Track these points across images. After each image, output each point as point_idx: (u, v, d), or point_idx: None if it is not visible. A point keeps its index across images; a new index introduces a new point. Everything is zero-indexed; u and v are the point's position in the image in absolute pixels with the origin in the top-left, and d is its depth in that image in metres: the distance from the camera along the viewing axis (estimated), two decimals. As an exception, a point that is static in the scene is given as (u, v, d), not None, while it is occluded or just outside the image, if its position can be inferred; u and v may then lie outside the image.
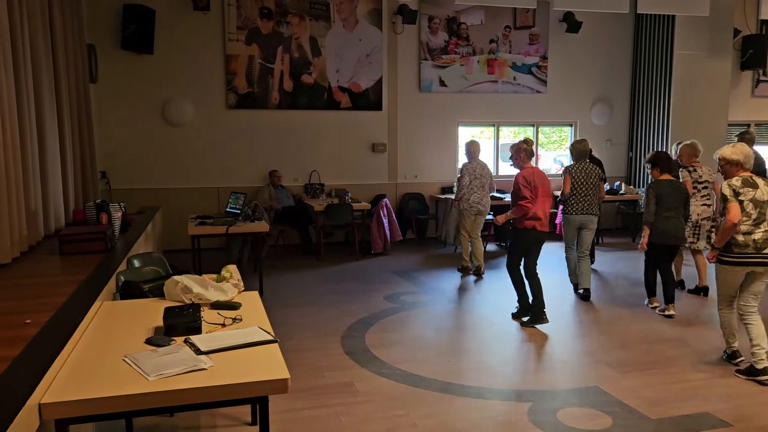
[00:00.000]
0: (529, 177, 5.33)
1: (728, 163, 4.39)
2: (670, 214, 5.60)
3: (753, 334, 4.27)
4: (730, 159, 4.37)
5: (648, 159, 5.86)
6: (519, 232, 5.44)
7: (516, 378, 4.36)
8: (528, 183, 5.30)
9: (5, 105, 3.90)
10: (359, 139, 9.60)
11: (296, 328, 5.41)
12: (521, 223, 5.37)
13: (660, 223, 5.60)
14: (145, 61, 8.51)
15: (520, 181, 5.31)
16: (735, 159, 4.36)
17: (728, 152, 4.39)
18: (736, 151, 4.37)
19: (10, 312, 2.79)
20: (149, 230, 5.96)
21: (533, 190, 5.30)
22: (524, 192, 5.27)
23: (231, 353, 2.40)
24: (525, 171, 5.39)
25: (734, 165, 4.37)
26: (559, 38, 10.27)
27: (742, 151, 4.37)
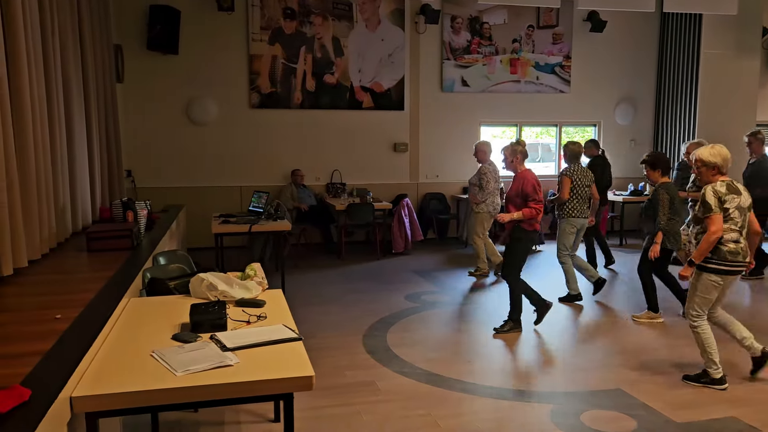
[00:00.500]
0: (536, 179, 5.26)
1: (705, 165, 4.09)
2: (678, 219, 5.45)
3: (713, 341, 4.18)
4: (707, 161, 4.08)
5: (647, 160, 5.54)
6: (528, 234, 5.27)
7: (538, 379, 4.34)
8: (539, 185, 5.24)
9: (36, 105, 3.97)
10: (381, 139, 9.61)
11: (318, 327, 5.44)
12: (531, 225, 5.25)
13: (672, 227, 5.43)
14: (170, 61, 8.61)
15: (534, 183, 5.21)
16: (713, 162, 4.07)
17: (706, 154, 4.09)
18: (714, 153, 4.08)
19: (40, 307, 2.85)
20: (173, 228, 6.03)
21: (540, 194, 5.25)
22: (539, 194, 5.19)
23: (256, 350, 2.42)
24: (529, 173, 5.29)
25: (711, 168, 4.08)
26: (583, 37, 10.18)
27: (720, 154, 4.09)
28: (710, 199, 3.99)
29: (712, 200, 3.99)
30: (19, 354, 2.18)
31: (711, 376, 4.18)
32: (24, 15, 3.76)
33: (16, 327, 2.54)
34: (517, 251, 5.32)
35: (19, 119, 3.67)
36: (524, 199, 5.21)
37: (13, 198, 3.47)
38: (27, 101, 3.74)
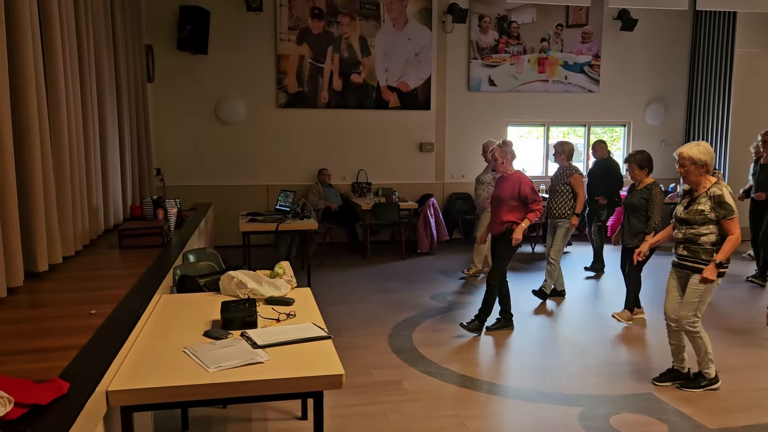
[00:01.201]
0: (531, 180, 5.19)
1: (694, 163, 3.95)
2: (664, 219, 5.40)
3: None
4: (697, 159, 3.94)
5: (636, 159, 5.39)
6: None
7: (566, 381, 4.29)
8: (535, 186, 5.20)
9: (71, 104, 4.05)
10: (407, 139, 9.60)
11: (344, 326, 5.46)
12: (525, 230, 5.18)
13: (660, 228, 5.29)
14: (200, 60, 8.72)
15: (532, 185, 5.13)
16: (703, 160, 3.94)
17: (695, 151, 3.95)
18: (702, 151, 3.95)
19: (75, 303, 2.91)
20: (202, 226, 6.10)
21: None
22: (538, 195, 5.13)
23: (286, 348, 2.44)
24: (523, 175, 5.22)
25: (701, 166, 3.96)
26: (613, 36, 10.04)
27: (708, 151, 3.97)
28: (729, 200, 3.90)
29: (731, 201, 3.90)
30: (57, 348, 2.23)
31: (709, 377, 4.14)
32: (60, 16, 3.84)
33: (53, 322, 2.59)
34: (509, 254, 5.25)
35: (55, 118, 3.75)
36: (522, 202, 5.10)
37: (49, 196, 3.55)
38: (63, 101, 3.82)
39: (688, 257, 4.06)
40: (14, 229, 3.05)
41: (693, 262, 4.02)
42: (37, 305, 2.94)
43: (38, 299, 3.03)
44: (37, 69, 3.42)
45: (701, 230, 3.96)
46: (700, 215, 3.95)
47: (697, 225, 3.98)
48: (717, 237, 3.94)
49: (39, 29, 3.53)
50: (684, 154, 4.00)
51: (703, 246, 3.96)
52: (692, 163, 3.96)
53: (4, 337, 2.40)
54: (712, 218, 3.93)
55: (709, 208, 3.94)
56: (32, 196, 3.32)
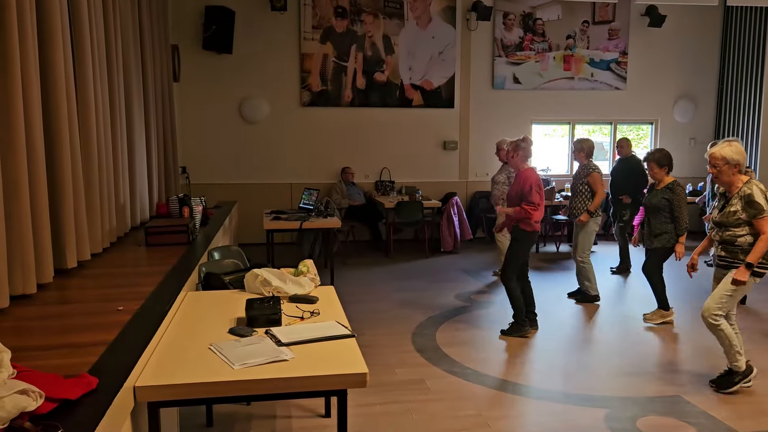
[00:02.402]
0: (538, 181, 5.07)
1: (728, 163, 3.89)
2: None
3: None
4: (730, 159, 3.88)
5: (655, 158, 5.30)
6: (528, 235, 5.10)
7: (591, 383, 4.24)
8: (540, 188, 5.06)
9: (99, 104, 4.12)
10: (430, 137, 9.57)
11: (367, 324, 5.46)
12: (531, 225, 5.05)
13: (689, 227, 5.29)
14: (225, 60, 8.79)
15: (534, 185, 5.01)
16: (735, 159, 3.87)
17: (728, 151, 3.88)
18: (735, 151, 3.89)
19: (103, 299, 2.95)
20: (227, 224, 6.15)
21: (541, 196, 5.07)
22: (535, 197, 5.00)
23: (310, 346, 2.44)
24: (532, 174, 5.10)
25: (733, 166, 3.89)
26: (640, 33, 9.88)
27: (740, 151, 3.90)
28: (760, 199, 3.82)
29: (762, 200, 3.82)
30: (85, 344, 2.26)
31: (741, 370, 4.04)
32: (90, 17, 3.90)
33: (81, 318, 2.63)
34: (516, 252, 5.16)
35: (84, 118, 3.81)
36: (523, 200, 5.04)
37: (78, 194, 3.60)
38: (92, 100, 3.88)
39: (727, 257, 4.01)
40: (44, 227, 3.10)
41: (731, 262, 3.97)
42: (66, 301, 2.99)
43: (67, 295, 3.09)
44: (67, 69, 3.47)
45: (737, 232, 3.91)
46: (733, 216, 3.90)
47: (732, 227, 3.92)
48: (754, 237, 3.87)
49: (69, 30, 3.59)
50: (716, 154, 3.94)
51: (741, 247, 3.91)
52: (725, 163, 3.90)
53: (34, 332, 2.44)
54: (744, 219, 3.87)
55: (741, 209, 3.88)
56: (62, 195, 3.38)
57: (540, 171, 9.92)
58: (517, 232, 5.15)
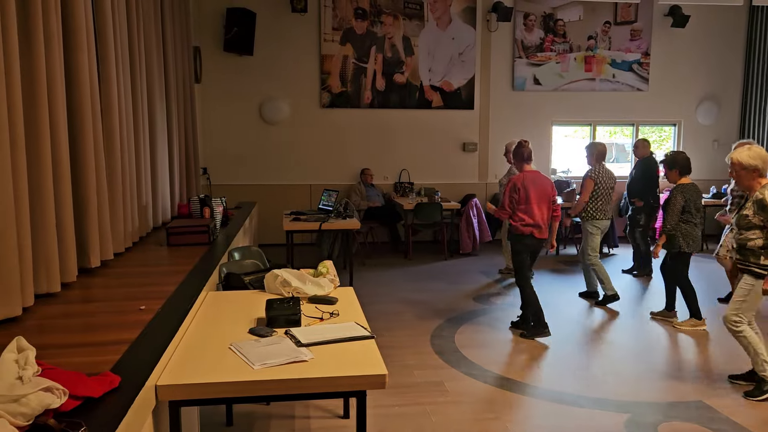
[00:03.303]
0: (519, 183, 5.06)
1: (744, 168, 3.90)
2: (699, 221, 5.29)
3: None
4: (747, 164, 3.89)
5: (666, 160, 5.37)
6: (519, 238, 5.14)
7: (612, 387, 4.19)
8: (516, 190, 5.05)
9: (123, 106, 4.17)
10: (450, 138, 9.55)
11: (385, 325, 5.46)
12: (518, 229, 5.09)
13: (694, 230, 5.25)
14: (246, 61, 8.86)
15: (507, 188, 5.12)
16: (753, 164, 3.87)
17: (745, 156, 3.88)
18: (753, 156, 3.87)
19: (126, 298, 2.98)
20: (247, 225, 6.19)
21: (522, 197, 5.04)
22: (506, 199, 5.09)
23: (329, 347, 2.44)
24: (518, 176, 5.14)
25: (751, 171, 3.89)
26: (663, 33, 9.76)
27: (760, 155, 3.87)
28: None
29: None
30: (109, 342, 2.29)
31: (766, 377, 3.99)
32: (113, 20, 3.95)
33: (104, 317, 2.66)
34: (515, 257, 5.23)
35: (108, 120, 3.86)
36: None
37: (102, 195, 3.65)
38: (115, 102, 3.93)
39: (741, 260, 4.01)
40: (69, 227, 3.15)
41: (744, 265, 3.97)
42: (90, 300, 3.03)
43: (90, 294, 3.13)
44: (91, 72, 3.52)
45: (748, 235, 3.92)
46: (744, 220, 3.91)
47: (744, 230, 3.93)
48: (764, 241, 3.85)
49: (93, 33, 3.64)
50: (734, 159, 3.96)
51: (752, 250, 3.90)
52: (742, 168, 3.93)
53: (58, 330, 2.48)
54: (756, 222, 3.87)
55: (752, 213, 3.88)
56: (86, 195, 3.43)
57: (560, 173, 9.89)
58: (510, 236, 5.25)
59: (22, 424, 1.49)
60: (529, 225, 5.06)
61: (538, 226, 5.08)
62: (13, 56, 2.56)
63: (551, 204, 5.20)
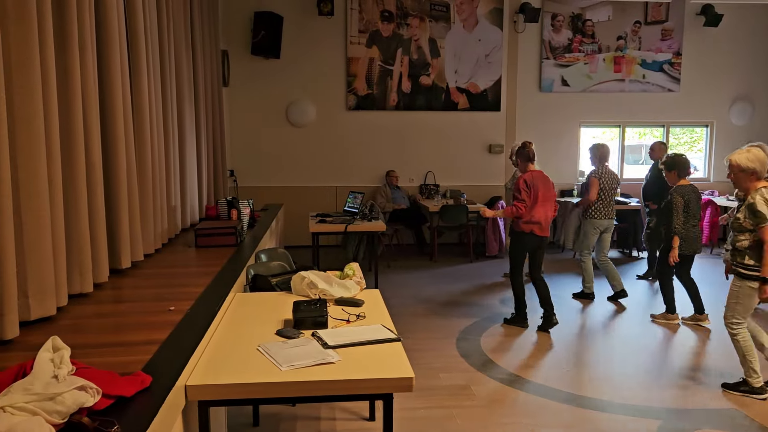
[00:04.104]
0: (530, 180, 5.24)
1: (742, 170, 3.88)
2: (696, 222, 5.37)
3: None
4: (745, 167, 3.87)
5: (665, 162, 5.50)
6: (518, 235, 5.34)
7: (643, 393, 4.12)
8: (528, 187, 5.22)
9: (153, 110, 4.24)
10: (476, 140, 9.50)
11: (410, 328, 5.45)
12: (519, 226, 5.28)
13: (690, 231, 5.31)
14: (272, 65, 8.94)
15: (521, 184, 5.25)
16: (751, 167, 3.85)
17: (743, 159, 3.87)
18: (751, 158, 3.85)
19: (155, 299, 3.03)
20: (273, 226, 6.24)
21: (533, 195, 5.22)
22: (522, 195, 5.22)
23: (356, 349, 2.45)
24: (527, 174, 5.32)
25: (749, 173, 3.87)
26: (695, 32, 9.58)
27: (758, 158, 3.85)
28: (762, 207, 3.79)
29: (764, 208, 3.79)
30: (139, 342, 2.33)
31: (751, 385, 4.01)
32: (145, 25, 4.02)
33: (135, 317, 2.71)
34: (514, 253, 5.45)
35: (139, 125, 3.93)
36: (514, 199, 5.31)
37: (132, 197, 3.72)
38: (146, 106, 3.99)
39: (731, 261, 4.07)
40: (101, 229, 3.21)
41: (734, 265, 4.02)
42: (121, 300, 3.08)
43: (121, 295, 3.18)
44: (123, 77, 3.59)
45: (739, 237, 3.95)
46: (736, 222, 3.93)
47: (736, 232, 3.95)
48: (750, 242, 3.88)
49: (126, 38, 3.71)
50: (732, 161, 3.97)
51: (739, 251, 3.95)
52: (740, 170, 3.92)
53: (91, 330, 2.52)
54: (747, 227, 3.88)
55: (743, 217, 3.89)
56: (117, 198, 3.49)
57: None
58: (512, 233, 5.44)
59: (58, 421, 1.52)
60: (531, 223, 5.26)
61: (538, 224, 5.27)
62: (50, 62, 2.62)
63: (554, 204, 5.45)
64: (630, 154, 10.32)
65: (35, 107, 2.46)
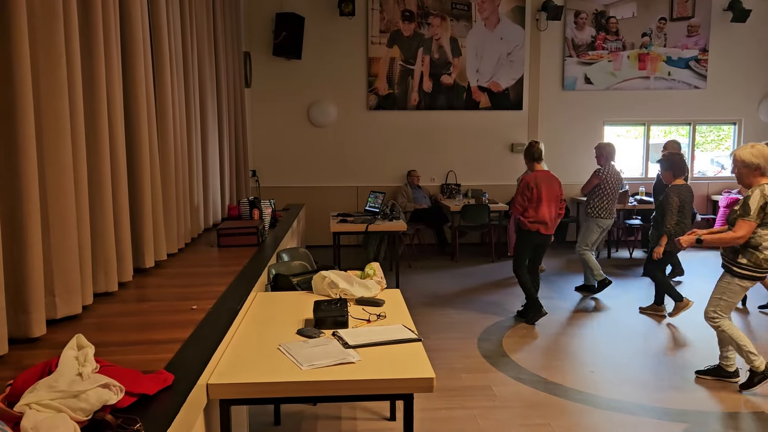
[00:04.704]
0: (533, 181, 5.37)
1: (746, 166, 3.84)
2: (688, 223, 5.38)
3: None
4: (749, 162, 3.83)
5: (661, 161, 5.59)
6: (525, 234, 5.49)
7: (668, 395, 4.05)
8: (529, 187, 5.35)
9: (176, 110, 4.28)
10: (498, 140, 9.45)
11: (432, 328, 5.43)
12: (526, 225, 5.43)
13: (680, 231, 5.27)
14: (294, 65, 8.98)
15: (521, 185, 5.43)
16: (755, 162, 3.81)
17: (747, 154, 3.83)
18: (756, 153, 3.81)
19: (178, 298, 3.06)
20: (294, 226, 6.27)
21: (535, 195, 5.35)
22: (517, 197, 5.45)
23: (377, 349, 2.44)
24: (530, 175, 5.45)
25: (753, 169, 3.83)
26: (722, 28, 9.40)
27: (762, 154, 3.80)
28: (753, 203, 3.78)
29: (754, 205, 3.77)
30: (162, 341, 2.35)
31: (756, 368, 3.99)
32: (168, 27, 4.07)
33: (158, 316, 2.74)
34: (519, 249, 5.61)
35: (163, 124, 3.97)
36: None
37: (156, 197, 3.76)
38: (169, 107, 4.04)
39: (723, 256, 4.08)
40: (125, 229, 3.26)
41: (726, 261, 4.03)
42: (145, 299, 3.11)
43: (145, 294, 3.22)
44: (147, 78, 3.63)
45: None
46: (731, 215, 3.93)
47: (731, 225, 3.94)
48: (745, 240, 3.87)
49: (149, 40, 3.75)
50: (736, 156, 3.94)
51: (732, 247, 3.96)
52: (744, 166, 3.89)
53: (115, 328, 2.56)
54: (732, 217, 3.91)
55: (738, 209, 3.89)
56: (141, 198, 3.54)
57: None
58: (518, 230, 5.62)
59: (82, 418, 1.55)
60: (536, 222, 5.39)
61: (544, 223, 5.42)
62: (75, 63, 2.67)
63: (559, 203, 5.52)
64: (654, 153, 10.15)
65: (61, 108, 2.50)
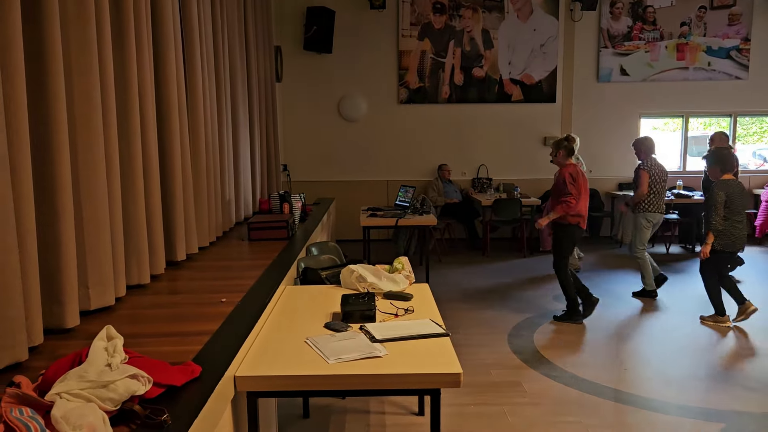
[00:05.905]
0: (575, 174, 5.27)
1: None
2: (741, 218, 5.10)
3: None
4: None
5: (707, 156, 5.41)
6: (567, 228, 5.34)
7: (704, 394, 3.94)
8: (574, 180, 5.26)
9: (207, 105, 4.33)
10: (530, 133, 9.32)
11: (462, 323, 5.39)
12: (567, 219, 5.30)
13: (732, 228, 5.05)
14: (325, 59, 9.00)
15: (567, 179, 5.25)
16: None
17: None
18: None
19: (208, 291, 3.09)
20: (324, 220, 6.29)
21: (578, 188, 5.25)
22: (570, 188, 5.19)
23: (404, 343, 2.43)
24: (570, 168, 5.32)
25: None
26: (765, 16, 9.08)
27: None
28: None
29: None
30: (191, 333, 2.38)
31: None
32: (199, 22, 4.11)
33: (189, 308, 2.77)
34: (561, 247, 5.40)
35: (194, 118, 4.02)
36: (561, 195, 5.25)
37: (188, 191, 3.81)
38: (200, 102, 4.08)
39: None
40: (158, 222, 3.30)
41: None
42: (176, 292, 3.16)
43: (176, 286, 3.26)
44: (179, 72, 3.67)
45: None
46: None
47: None
48: None
49: (180, 35, 3.79)
50: None
51: None
52: None
53: (147, 320, 2.60)
54: None
55: None
56: (173, 192, 3.58)
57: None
58: (555, 226, 5.40)
59: (111, 408, 1.57)
60: (578, 216, 5.29)
61: (583, 217, 5.34)
62: (108, 60, 2.71)
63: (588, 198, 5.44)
64: (694, 146, 9.90)
65: (94, 104, 2.54)
